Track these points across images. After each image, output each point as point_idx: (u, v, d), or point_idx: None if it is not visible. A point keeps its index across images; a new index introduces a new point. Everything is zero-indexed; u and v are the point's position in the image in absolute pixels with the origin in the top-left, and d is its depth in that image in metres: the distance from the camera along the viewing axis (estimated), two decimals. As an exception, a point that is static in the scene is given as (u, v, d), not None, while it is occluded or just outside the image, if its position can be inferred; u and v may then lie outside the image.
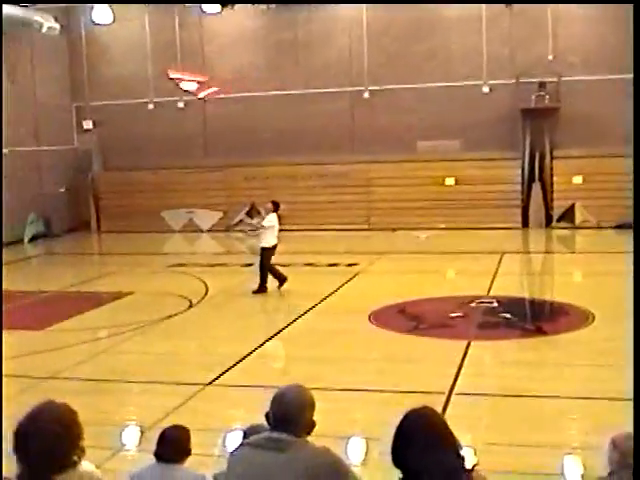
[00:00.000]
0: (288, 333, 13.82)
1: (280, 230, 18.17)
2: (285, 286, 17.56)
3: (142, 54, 32.07)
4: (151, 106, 32.25)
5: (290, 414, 4.06)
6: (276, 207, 18.05)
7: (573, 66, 28.94)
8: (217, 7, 29.88)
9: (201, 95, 21.67)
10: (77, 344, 13.55)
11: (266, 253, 17.49)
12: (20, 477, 3.57)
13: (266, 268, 17.46)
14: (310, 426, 4.13)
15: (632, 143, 23.55)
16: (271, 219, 17.72)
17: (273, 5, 30.43)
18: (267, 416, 4.17)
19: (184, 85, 22.03)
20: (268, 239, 17.57)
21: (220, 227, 31.52)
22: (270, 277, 17.56)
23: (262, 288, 17.31)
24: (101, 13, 29.81)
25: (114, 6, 29.94)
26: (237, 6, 30.21)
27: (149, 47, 32.02)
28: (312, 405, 4.16)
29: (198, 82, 22.22)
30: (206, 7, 30.06)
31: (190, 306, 16.36)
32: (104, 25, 30.79)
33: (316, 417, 4.20)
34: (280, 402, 4.11)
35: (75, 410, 3.68)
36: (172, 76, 22.29)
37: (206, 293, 17.78)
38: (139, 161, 31.83)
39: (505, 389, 10.36)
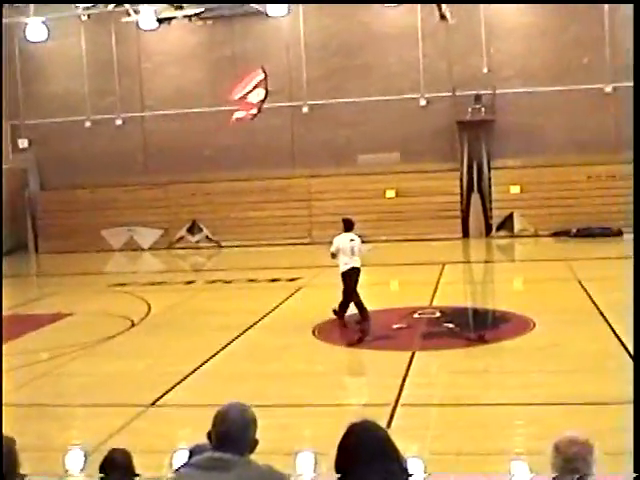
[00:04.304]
0: (231, 350, 13.71)
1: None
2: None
3: (78, 71, 31.77)
4: (88, 124, 31.94)
5: (232, 433, 4.00)
6: (346, 225, 15.66)
7: (507, 79, 29.36)
8: (154, 23, 29.71)
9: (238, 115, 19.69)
10: (16, 368, 13.28)
11: (343, 279, 15.35)
12: None
13: (346, 294, 15.32)
14: (253, 444, 4.08)
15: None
16: (337, 241, 15.48)
17: (210, 21, 30.38)
18: (209, 435, 4.10)
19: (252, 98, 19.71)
20: (341, 263, 15.35)
21: (161, 245, 31.28)
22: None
23: (362, 317, 15.23)
24: (35, 30, 29.37)
25: (50, 23, 29.57)
26: (174, 22, 30.11)
27: (85, 64, 31.72)
28: (254, 423, 4.10)
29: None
30: (143, 24, 29.87)
31: (132, 326, 16.16)
32: (39, 42, 30.37)
33: (263, 434, 4.15)
34: (222, 421, 4.05)
35: (13, 438, 3.53)
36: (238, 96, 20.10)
37: (148, 312, 17.57)
38: (77, 180, 31.50)
39: (450, 398, 10.39)
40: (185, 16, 30.09)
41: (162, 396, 10.93)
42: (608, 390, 10.02)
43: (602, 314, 14.54)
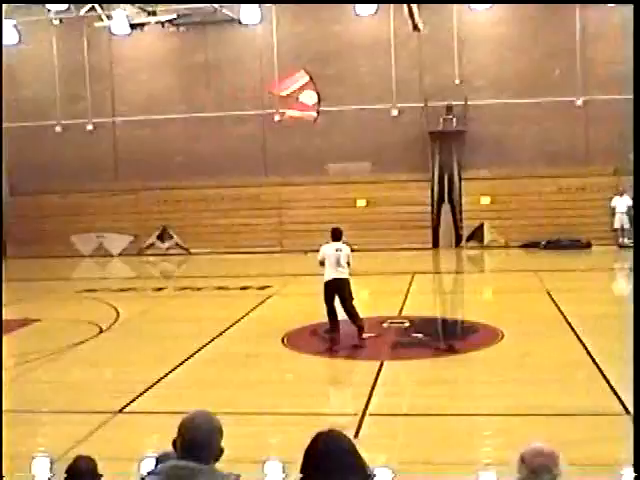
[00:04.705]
0: (200, 358, 13.65)
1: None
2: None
3: (49, 76, 31.57)
4: (59, 129, 31.74)
5: (198, 441, 3.97)
6: (334, 235, 15.05)
7: (479, 89, 29.55)
8: (127, 29, 29.61)
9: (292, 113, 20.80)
10: (-18, 374, 13.13)
11: (324, 289, 14.78)
12: None
13: (326, 306, 14.75)
14: (218, 453, 4.05)
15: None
16: (323, 250, 14.86)
17: (183, 27, 30.37)
18: (174, 443, 4.07)
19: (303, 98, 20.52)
20: (325, 273, 14.76)
21: (131, 251, 31.14)
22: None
23: (330, 328, 14.85)
24: (6, 33, 29.18)
25: (21, 27, 29.41)
26: (146, 28, 30.03)
27: (57, 69, 31.52)
28: (220, 431, 4.07)
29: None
30: (115, 29, 29.78)
31: (100, 332, 16.04)
32: (10, 45, 30.17)
33: (230, 442, 4.13)
34: (187, 429, 4.02)
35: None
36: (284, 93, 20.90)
37: (116, 319, 17.46)
38: (47, 185, 31.27)
39: (419, 408, 10.40)
40: (158, 22, 30.03)
41: (129, 403, 10.85)
42: (575, 401, 10.08)
43: (570, 325, 14.64)
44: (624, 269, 25.69)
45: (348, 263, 14.68)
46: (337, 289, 14.58)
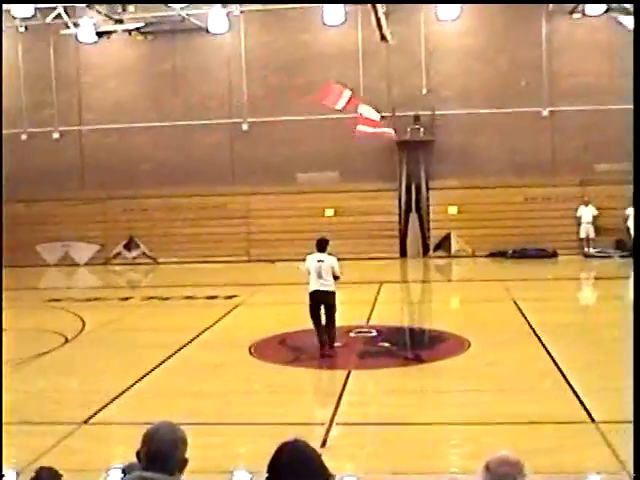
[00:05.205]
0: (166, 368, 13.56)
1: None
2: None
3: (15, 84, 31.30)
4: (24, 137, 31.46)
5: (162, 452, 3.95)
6: (318, 245, 14.76)
7: (446, 100, 29.71)
8: (93, 37, 29.47)
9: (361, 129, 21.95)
10: (-55, 384, 12.96)
11: (309, 300, 14.30)
12: None
13: (311, 316, 14.23)
14: (182, 464, 4.03)
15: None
16: (307, 261, 14.51)
17: (150, 36, 30.28)
18: (138, 455, 4.04)
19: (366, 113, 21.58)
20: (309, 285, 14.32)
21: (97, 261, 30.93)
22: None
23: (318, 336, 14.25)
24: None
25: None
26: (114, 36, 29.92)
27: (22, 76, 31.28)
28: (184, 442, 4.06)
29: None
30: (82, 37, 29.61)
31: (66, 342, 15.90)
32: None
33: (197, 452, 4.11)
34: (151, 440, 4.00)
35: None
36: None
37: (82, 329, 17.32)
38: (11, 193, 30.91)
39: (385, 417, 10.40)
40: (125, 30, 29.91)
41: (95, 414, 10.76)
42: (541, 409, 10.12)
43: (536, 334, 14.73)
44: (590, 278, 25.94)
45: (336, 276, 14.34)
46: (322, 301, 14.22)
